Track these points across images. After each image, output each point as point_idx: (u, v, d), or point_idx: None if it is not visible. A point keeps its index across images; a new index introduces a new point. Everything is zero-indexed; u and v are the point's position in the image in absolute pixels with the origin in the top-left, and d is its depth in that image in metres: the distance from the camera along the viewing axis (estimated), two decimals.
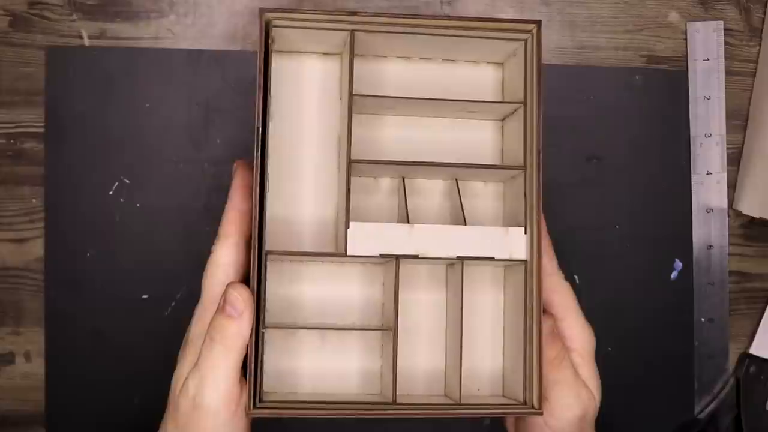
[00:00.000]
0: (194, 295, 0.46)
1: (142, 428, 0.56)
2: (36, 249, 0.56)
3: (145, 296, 0.56)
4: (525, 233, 0.47)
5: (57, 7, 0.55)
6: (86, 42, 0.56)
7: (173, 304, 0.56)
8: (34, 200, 0.56)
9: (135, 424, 0.57)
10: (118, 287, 0.56)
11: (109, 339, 0.56)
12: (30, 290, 0.57)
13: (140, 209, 0.56)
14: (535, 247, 0.46)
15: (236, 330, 0.41)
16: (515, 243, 0.47)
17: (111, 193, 0.56)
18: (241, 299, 0.41)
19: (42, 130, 0.56)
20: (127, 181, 0.56)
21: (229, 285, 0.42)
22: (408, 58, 0.51)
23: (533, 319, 0.46)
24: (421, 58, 0.51)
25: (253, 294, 0.43)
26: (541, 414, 0.46)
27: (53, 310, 0.56)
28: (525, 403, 0.46)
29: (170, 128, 0.56)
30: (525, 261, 0.47)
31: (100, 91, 0.55)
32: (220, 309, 0.42)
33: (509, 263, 0.48)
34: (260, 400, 0.45)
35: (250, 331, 0.42)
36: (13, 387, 0.57)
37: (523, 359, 0.46)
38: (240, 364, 0.42)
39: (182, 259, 0.55)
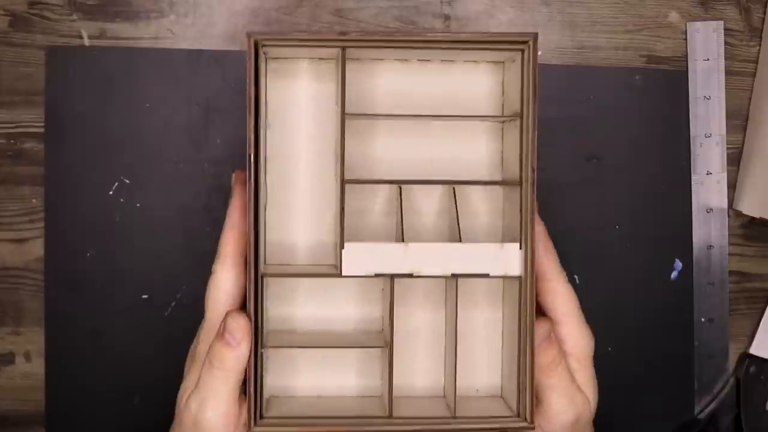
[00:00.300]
0: (194, 296, 0.46)
1: (142, 428, 0.56)
2: (36, 249, 0.56)
3: (145, 296, 0.56)
4: (520, 249, 0.47)
5: (57, 7, 0.55)
6: (86, 42, 0.56)
7: (173, 304, 0.56)
8: (34, 200, 0.56)
9: (135, 424, 0.57)
10: (118, 287, 0.56)
11: (109, 339, 0.56)
12: (30, 290, 0.57)
13: (140, 209, 0.56)
14: (529, 263, 0.46)
15: (235, 358, 0.43)
16: (510, 259, 0.46)
17: (111, 193, 0.56)
18: (240, 328, 0.43)
19: (42, 130, 0.56)
20: (127, 181, 0.56)
21: (228, 314, 0.43)
22: (405, 60, 0.51)
23: (527, 333, 0.46)
24: (418, 60, 0.51)
25: (250, 318, 0.44)
26: (533, 429, 0.46)
27: (53, 310, 0.56)
28: (518, 415, 0.47)
29: (170, 128, 0.56)
30: (519, 277, 0.47)
31: (100, 91, 0.55)
32: (219, 336, 0.43)
33: (505, 279, 0.48)
34: (261, 417, 0.46)
35: (248, 357, 0.43)
36: (13, 387, 0.57)
37: (516, 373, 0.47)
38: (239, 385, 0.43)
39: (182, 259, 0.55)
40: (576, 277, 0.57)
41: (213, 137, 0.56)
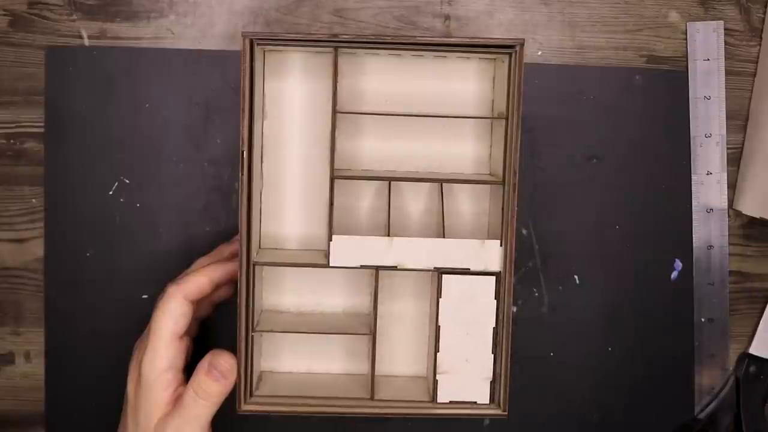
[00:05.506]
0: None
1: None
2: (36, 249, 0.56)
3: (145, 296, 0.56)
4: (501, 246, 0.49)
5: (57, 7, 0.55)
6: (86, 42, 0.56)
7: None
8: (34, 200, 0.56)
9: None
10: (118, 287, 0.56)
11: (109, 339, 0.56)
12: (30, 290, 0.57)
13: (140, 209, 0.56)
14: (509, 260, 0.48)
15: (220, 390, 0.48)
16: (491, 255, 0.49)
17: (111, 193, 0.56)
18: (226, 366, 0.47)
19: (42, 130, 0.56)
20: (127, 181, 0.56)
21: (215, 353, 0.48)
22: (399, 54, 0.52)
23: (504, 327, 0.49)
24: (412, 54, 0.52)
25: (241, 309, 0.48)
26: (506, 416, 0.49)
27: (53, 310, 0.56)
28: (492, 401, 0.50)
29: (170, 128, 0.56)
30: (498, 273, 0.49)
31: (100, 91, 0.55)
32: (207, 372, 0.47)
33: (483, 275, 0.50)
34: (251, 395, 0.49)
35: (231, 389, 0.48)
36: (13, 387, 0.57)
37: (492, 363, 0.50)
38: (215, 411, 0.48)
39: (182, 259, 0.55)
40: (576, 277, 0.57)
41: (213, 137, 0.56)
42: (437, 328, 0.49)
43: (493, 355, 0.49)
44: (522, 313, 0.57)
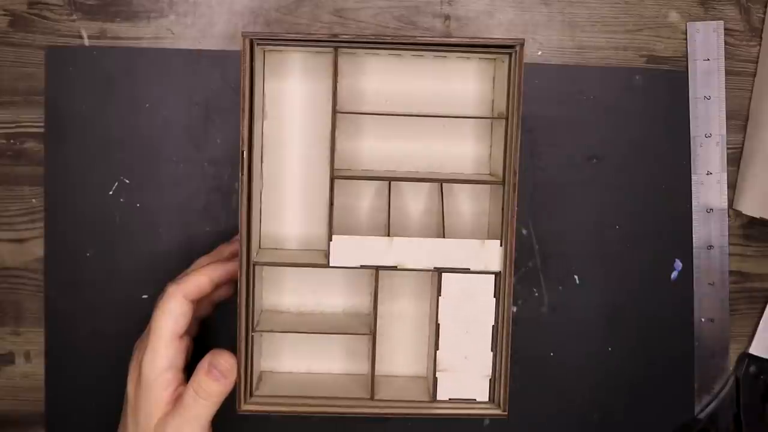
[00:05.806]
0: None
1: None
2: (36, 249, 0.56)
3: (145, 296, 0.56)
4: (501, 246, 0.49)
5: (57, 7, 0.55)
6: (86, 42, 0.56)
7: None
8: (34, 200, 0.56)
9: None
10: (118, 287, 0.56)
11: (109, 339, 0.56)
12: (30, 290, 0.57)
13: (140, 209, 0.56)
14: (509, 260, 0.48)
15: (220, 390, 0.48)
16: (491, 255, 0.49)
17: (111, 193, 0.56)
18: (226, 365, 0.48)
19: (42, 130, 0.56)
20: (127, 181, 0.56)
21: (215, 353, 0.48)
22: (399, 54, 0.52)
23: (504, 326, 0.49)
24: (412, 54, 0.52)
25: (240, 308, 0.48)
26: (506, 416, 0.49)
27: (53, 310, 0.56)
28: (492, 401, 0.50)
29: (170, 128, 0.56)
30: (498, 272, 0.49)
31: (100, 91, 0.55)
32: (207, 371, 0.47)
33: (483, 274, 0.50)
34: (251, 395, 0.49)
35: (231, 389, 0.48)
36: (13, 387, 0.57)
37: (492, 362, 0.50)
38: (215, 411, 0.48)
39: (182, 259, 0.55)
40: (576, 277, 0.57)
41: (213, 137, 0.56)
42: (437, 326, 0.49)
43: (492, 353, 0.49)
44: (522, 313, 0.57)
